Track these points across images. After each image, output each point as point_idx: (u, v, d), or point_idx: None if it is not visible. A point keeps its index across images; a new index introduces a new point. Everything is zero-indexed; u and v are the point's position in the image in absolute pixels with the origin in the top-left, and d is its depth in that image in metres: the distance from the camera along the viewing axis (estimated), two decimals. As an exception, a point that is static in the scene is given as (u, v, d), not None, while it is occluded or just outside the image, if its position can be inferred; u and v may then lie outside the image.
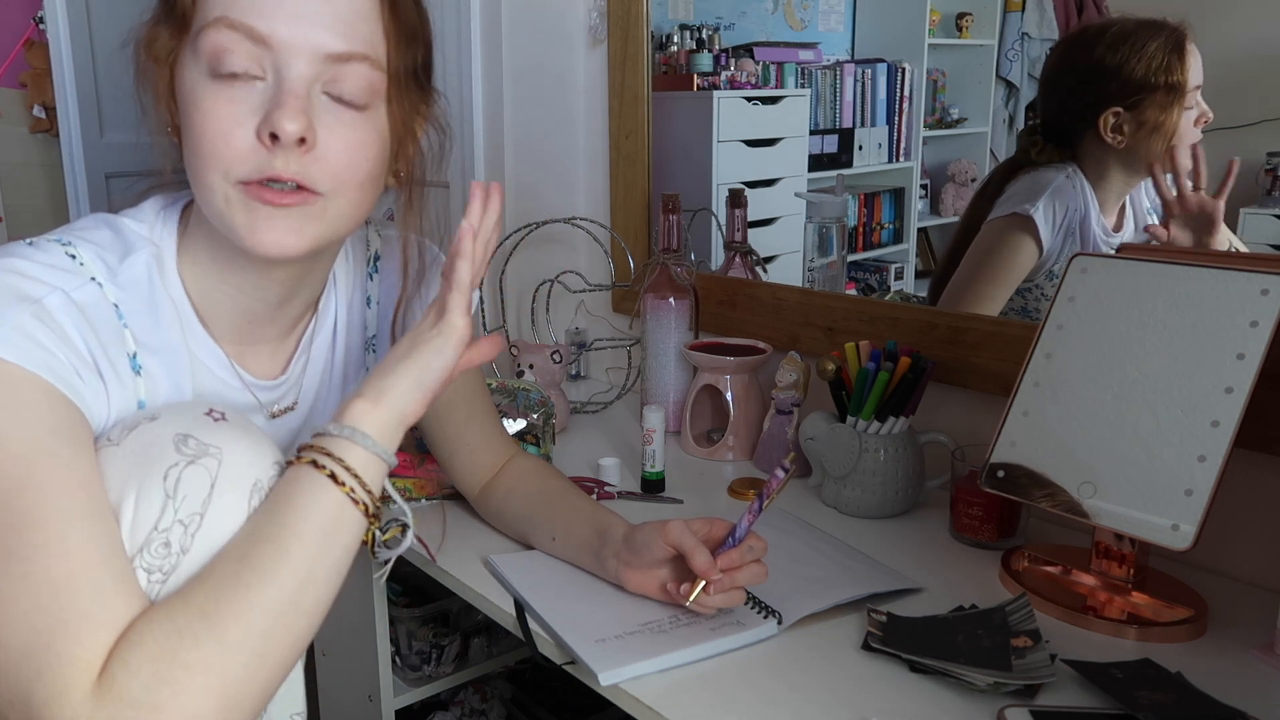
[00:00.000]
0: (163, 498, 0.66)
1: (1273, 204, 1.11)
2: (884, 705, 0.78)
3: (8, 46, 2.88)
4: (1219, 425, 0.86)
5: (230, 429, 0.70)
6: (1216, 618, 0.92)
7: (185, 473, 0.67)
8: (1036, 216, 1.24)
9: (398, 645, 1.34)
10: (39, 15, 2.76)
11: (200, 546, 0.66)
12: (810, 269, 1.48)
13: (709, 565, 0.86)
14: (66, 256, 0.72)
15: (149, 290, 0.76)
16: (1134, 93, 1.18)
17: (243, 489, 0.69)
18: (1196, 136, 1.15)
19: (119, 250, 0.76)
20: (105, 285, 0.73)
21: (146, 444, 0.68)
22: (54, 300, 0.69)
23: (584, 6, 1.68)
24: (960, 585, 0.99)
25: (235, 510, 0.68)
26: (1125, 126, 1.18)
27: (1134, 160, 1.19)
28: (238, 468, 0.69)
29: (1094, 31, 1.22)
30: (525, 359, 1.48)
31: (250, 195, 0.72)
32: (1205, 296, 0.91)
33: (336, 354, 0.92)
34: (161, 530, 0.66)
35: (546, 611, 0.91)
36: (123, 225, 0.78)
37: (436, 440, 1.08)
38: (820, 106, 1.59)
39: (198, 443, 0.68)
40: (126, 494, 0.66)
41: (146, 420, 0.69)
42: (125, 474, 0.67)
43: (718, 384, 1.35)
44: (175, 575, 0.66)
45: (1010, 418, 0.99)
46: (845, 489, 1.16)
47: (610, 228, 1.69)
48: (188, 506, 0.66)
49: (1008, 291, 1.27)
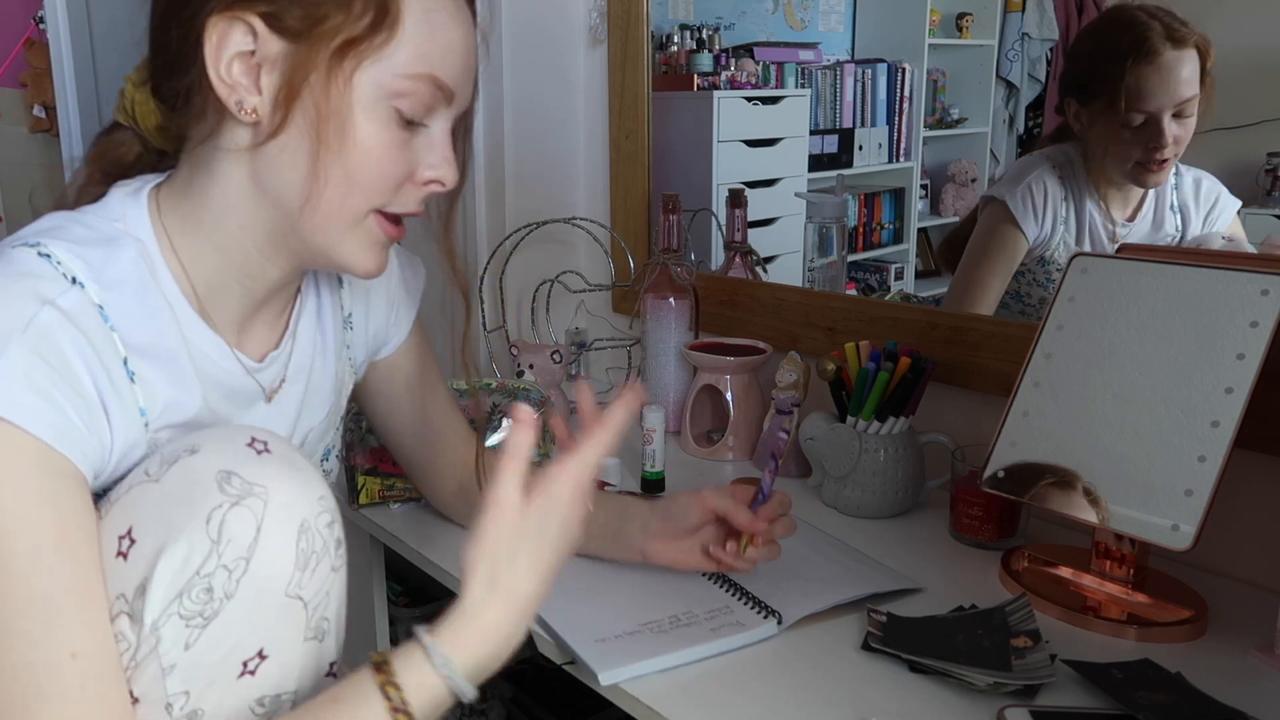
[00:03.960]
0: (207, 543, 0.63)
1: (1273, 204, 1.11)
2: (884, 705, 0.78)
3: (8, 46, 2.88)
4: (1219, 425, 0.86)
5: (275, 464, 0.68)
6: (1216, 618, 0.92)
7: (230, 515, 0.64)
8: (1009, 200, 1.23)
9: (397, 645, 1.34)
10: (39, 15, 2.76)
11: (245, 592, 0.64)
12: (810, 269, 1.48)
13: (753, 520, 0.92)
14: (39, 259, 0.67)
15: (139, 287, 0.72)
16: (1080, 87, 1.19)
17: (290, 532, 0.66)
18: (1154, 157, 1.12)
19: (99, 246, 0.71)
20: (87, 285, 0.68)
21: (189, 483, 0.65)
22: (47, 318, 0.64)
23: (584, 6, 1.68)
24: (960, 585, 0.99)
25: (283, 554, 0.66)
26: (1081, 118, 1.19)
27: (1099, 154, 1.18)
28: (284, 509, 0.66)
29: (1100, 16, 1.20)
30: (525, 359, 1.48)
31: (380, 226, 0.76)
32: (1205, 296, 0.91)
33: (325, 327, 0.90)
34: (204, 575, 0.63)
35: (546, 611, 0.91)
36: (92, 221, 0.73)
37: (403, 442, 1.05)
38: (820, 106, 1.59)
39: (242, 481, 0.65)
40: (169, 537, 0.64)
41: (187, 454, 0.67)
42: (167, 515, 0.64)
43: (718, 384, 1.35)
44: (217, 620, 0.64)
45: (1010, 418, 0.99)
46: (845, 489, 1.16)
47: (610, 228, 1.69)
48: (232, 551, 0.64)
49: (995, 275, 1.25)
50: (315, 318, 0.90)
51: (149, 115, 0.79)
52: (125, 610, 0.64)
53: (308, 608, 0.68)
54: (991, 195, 1.28)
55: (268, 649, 0.66)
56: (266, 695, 0.68)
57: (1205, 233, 1.15)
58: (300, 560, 0.67)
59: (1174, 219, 1.17)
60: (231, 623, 0.65)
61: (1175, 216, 1.17)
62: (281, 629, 0.67)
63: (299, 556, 0.66)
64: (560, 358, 1.49)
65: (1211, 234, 1.14)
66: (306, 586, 0.67)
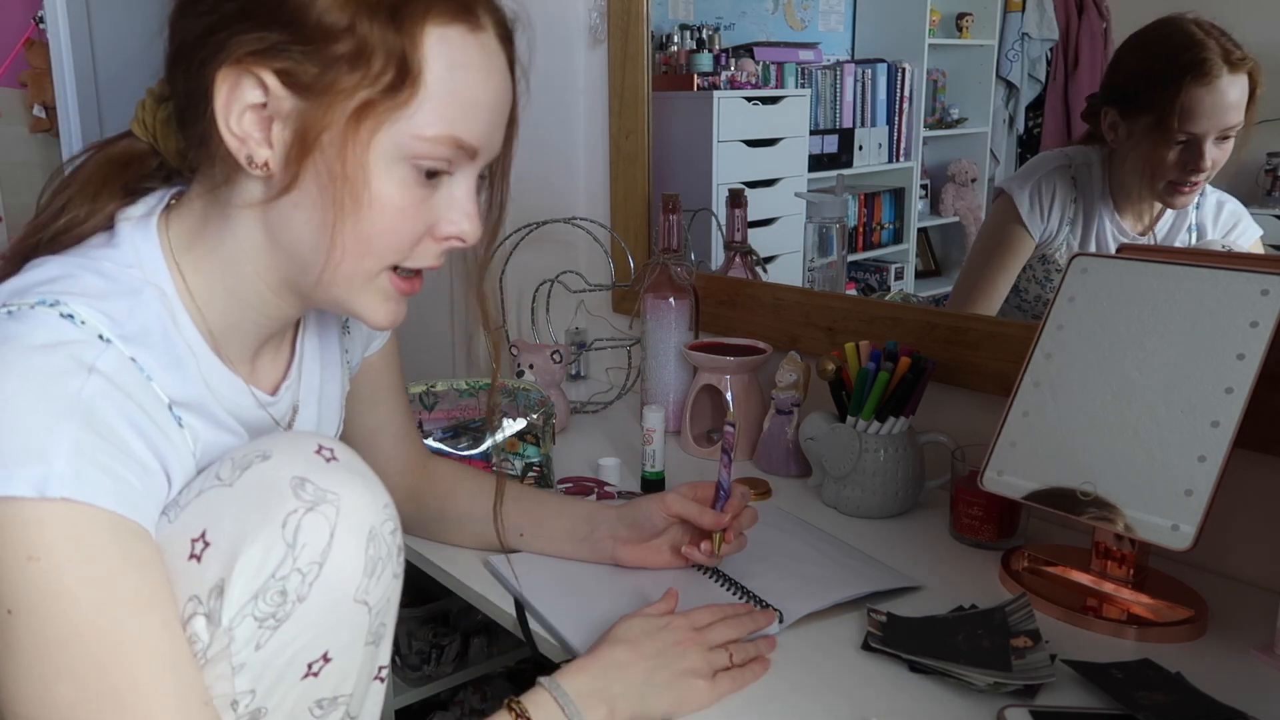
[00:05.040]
0: (283, 546, 0.65)
1: (1273, 204, 1.11)
2: (884, 705, 0.78)
3: (8, 46, 2.88)
4: (1219, 425, 0.86)
5: (344, 472, 0.69)
6: (1216, 618, 0.92)
7: (305, 520, 0.65)
8: (1016, 196, 1.22)
9: (398, 645, 1.34)
10: (39, 15, 2.76)
11: (318, 595, 0.66)
12: (810, 269, 1.48)
13: (719, 518, 0.95)
14: (63, 320, 0.64)
15: (163, 337, 0.70)
16: (1124, 99, 1.15)
17: (360, 538, 0.68)
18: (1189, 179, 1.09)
19: (118, 297, 0.68)
20: (114, 341, 0.65)
21: (263, 487, 0.66)
22: (92, 390, 0.62)
23: (584, 6, 1.68)
24: (960, 585, 0.99)
25: (354, 559, 0.67)
26: (1118, 129, 1.16)
27: (1129, 166, 1.16)
28: (355, 515, 0.68)
29: (1152, 28, 1.12)
30: (525, 359, 1.48)
31: (395, 284, 0.74)
32: (1205, 296, 0.91)
33: (327, 342, 0.90)
34: (279, 578, 0.65)
35: (547, 611, 0.91)
36: (107, 269, 0.70)
37: (357, 441, 1.02)
38: (820, 106, 1.59)
39: (315, 488, 0.67)
40: (245, 539, 0.65)
41: (259, 459, 0.68)
42: (242, 518, 0.65)
43: (718, 384, 1.35)
44: (289, 622, 0.65)
45: (1010, 418, 0.99)
46: (845, 489, 1.16)
47: (610, 228, 1.69)
48: (307, 555, 0.65)
49: (1001, 270, 1.25)
50: (317, 336, 0.90)
51: (170, 138, 0.76)
52: (201, 611, 0.65)
53: (371, 613, 0.70)
54: (1001, 188, 1.27)
55: (332, 652, 0.68)
56: (325, 697, 0.69)
57: (1206, 238, 1.14)
58: (369, 567, 0.68)
59: (1188, 239, 1.15)
60: (302, 625, 0.66)
61: (1190, 236, 1.15)
62: (346, 633, 0.69)
63: (368, 563, 0.68)
64: (560, 358, 1.49)
65: (1209, 241, 1.14)
66: (372, 592, 0.69)
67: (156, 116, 0.76)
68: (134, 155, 0.77)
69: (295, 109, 0.67)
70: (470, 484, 1.06)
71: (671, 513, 0.97)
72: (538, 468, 1.23)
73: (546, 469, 1.24)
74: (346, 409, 0.97)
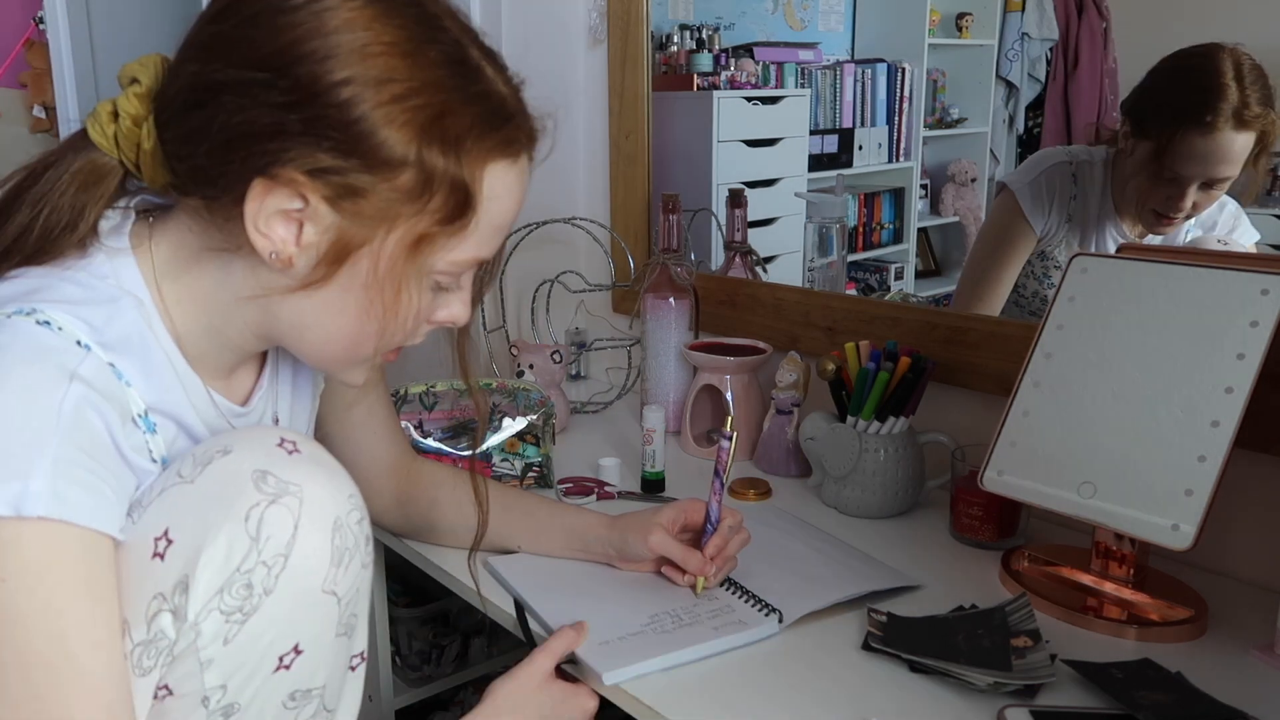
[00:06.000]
0: (246, 539, 0.65)
1: (1273, 204, 1.11)
2: (884, 705, 0.78)
3: (8, 46, 2.88)
4: (1219, 425, 0.86)
5: (306, 464, 0.69)
6: (1216, 618, 0.92)
7: (268, 513, 0.66)
8: (1017, 191, 1.22)
9: (398, 645, 1.34)
10: (39, 15, 2.76)
11: (284, 587, 0.66)
12: (810, 269, 1.48)
13: (702, 564, 0.93)
14: (39, 327, 0.64)
15: (141, 344, 0.70)
16: (1137, 115, 1.14)
17: (325, 529, 0.68)
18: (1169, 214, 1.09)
19: (96, 305, 0.68)
20: (93, 348, 0.65)
21: (224, 482, 0.66)
22: (75, 397, 0.62)
23: (584, 6, 1.68)
24: (960, 585, 0.99)
25: (319, 550, 0.68)
26: (1127, 141, 1.16)
27: (1127, 176, 1.16)
28: (318, 506, 0.68)
29: (1195, 51, 1.06)
30: (525, 359, 1.48)
31: (380, 357, 0.77)
32: (1205, 296, 0.91)
33: (300, 364, 0.91)
34: (244, 572, 0.65)
35: (547, 611, 0.91)
36: (82, 279, 0.69)
37: (336, 442, 1.00)
38: (820, 106, 1.59)
39: (278, 480, 0.67)
40: (208, 534, 0.65)
41: (220, 454, 0.68)
42: (204, 514, 0.65)
43: (718, 384, 1.35)
44: (256, 616, 0.66)
45: (1010, 418, 0.99)
46: (845, 489, 1.16)
47: (610, 228, 1.69)
48: (272, 548, 0.65)
49: (1004, 265, 1.24)
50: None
51: (157, 172, 0.72)
52: (166, 608, 0.65)
53: (340, 603, 0.70)
54: (1003, 183, 1.27)
55: (303, 644, 0.68)
56: (298, 689, 0.70)
57: (1201, 235, 1.14)
58: (335, 557, 0.69)
59: (1187, 238, 1.15)
60: (270, 618, 0.66)
61: (1187, 239, 1.16)
62: (316, 624, 0.69)
63: (334, 553, 0.68)
64: (560, 358, 1.49)
65: (1207, 236, 1.14)
66: (341, 582, 0.69)
67: (132, 138, 0.71)
68: (102, 173, 0.74)
69: (336, 224, 0.67)
70: (450, 493, 1.04)
71: (656, 553, 0.95)
72: (538, 468, 1.23)
73: (546, 469, 1.24)
74: (327, 407, 0.97)
